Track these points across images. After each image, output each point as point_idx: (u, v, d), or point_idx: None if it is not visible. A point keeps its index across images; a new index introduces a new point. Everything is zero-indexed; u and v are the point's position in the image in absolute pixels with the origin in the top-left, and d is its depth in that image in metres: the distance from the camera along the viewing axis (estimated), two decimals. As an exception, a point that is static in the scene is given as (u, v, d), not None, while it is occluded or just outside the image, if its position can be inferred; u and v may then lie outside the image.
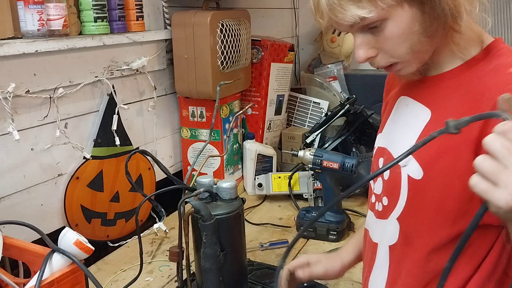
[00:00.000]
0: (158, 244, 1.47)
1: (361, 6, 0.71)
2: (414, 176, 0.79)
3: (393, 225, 0.85)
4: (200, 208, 0.98)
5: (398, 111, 0.89)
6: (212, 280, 0.99)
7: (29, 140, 1.25)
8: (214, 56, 1.59)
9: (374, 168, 0.95)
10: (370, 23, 0.73)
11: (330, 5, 0.73)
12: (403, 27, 0.73)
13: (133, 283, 1.21)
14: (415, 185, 0.80)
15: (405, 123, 0.86)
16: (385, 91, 1.02)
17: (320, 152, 1.51)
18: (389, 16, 0.72)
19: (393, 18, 0.72)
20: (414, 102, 0.85)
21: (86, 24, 1.35)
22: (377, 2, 0.71)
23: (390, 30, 0.73)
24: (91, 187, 1.42)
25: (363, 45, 0.77)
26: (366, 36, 0.76)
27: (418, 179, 0.79)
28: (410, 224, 0.82)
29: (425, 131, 0.80)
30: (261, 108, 1.94)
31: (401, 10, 0.72)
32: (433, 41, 0.76)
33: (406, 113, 0.86)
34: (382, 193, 0.88)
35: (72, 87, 1.33)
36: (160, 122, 1.70)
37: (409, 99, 0.87)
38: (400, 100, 0.90)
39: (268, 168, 1.89)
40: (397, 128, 0.88)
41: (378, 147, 0.93)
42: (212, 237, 0.98)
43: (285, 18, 2.49)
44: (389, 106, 0.94)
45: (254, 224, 1.58)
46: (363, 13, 0.71)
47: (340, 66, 2.22)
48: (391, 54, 0.77)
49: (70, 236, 0.92)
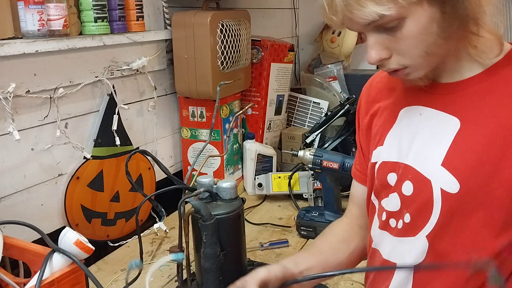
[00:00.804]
0: (158, 244, 1.47)
1: (379, 2, 0.67)
2: (449, 190, 0.74)
3: (420, 243, 0.79)
4: (200, 208, 0.98)
5: (408, 124, 0.83)
6: (212, 280, 0.99)
7: (30, 140, 1.25)
8: (214, 56, 1.59)
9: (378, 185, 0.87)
10: (388, 21, 0.69)
11: (346, 1, 0.69)
12: (421, 27, 0.69)
13: (133, 283, 1.22)
14: (451, 199, 0.74)
15: (427, 135, 0.79)
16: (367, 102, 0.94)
17: (320, 152, 1.52)
18: (407, 14, 0.68)
19: (412, 17, 0.68)
20: (431, 110, 0.80)
21: (86, 24, 1.36)
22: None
23: (408, 30, 0.69)
24: (91, 187, 1.42)
25: (377, 45, 0.73)
26: (380, 36, 0.72)
27: (454, 192, 0.74)
28: (443, 241, 0.77)
29: (456, 141, 0.75)
30: (261, 108, 1.94)
31: (420, 9, 0.68)
32: (449, 43, 0.72)
33: (422, 123, 0.80)
34: (403, 209, 0.81)
35: (72, 87, 1.33)
36: (160, 122, 1.70)
37: (421, 108, 0.81)
38: (406, 112, 0.84)
39: (268, 168, 1.89)
40: (416, 140, 0.81)
41: (384, 162, 0.85)
42: (212, 237, 0.98)
43: (285, 18, 2.50)
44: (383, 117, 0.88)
45: (254, 224, 1.58)
46: (382, 10, 0.67)
47: (340, 66, 2.22)
48: (405, 56, 0.73)
49: (71, 236, 0.93)
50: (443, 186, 0.75)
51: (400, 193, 0.81)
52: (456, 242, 0.76)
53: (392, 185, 0.83)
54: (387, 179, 0.84)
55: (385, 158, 0.85)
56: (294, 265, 0.87)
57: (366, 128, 0.93)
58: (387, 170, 0.84)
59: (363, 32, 0.73)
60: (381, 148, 0.86)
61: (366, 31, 0.72)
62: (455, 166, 0.74)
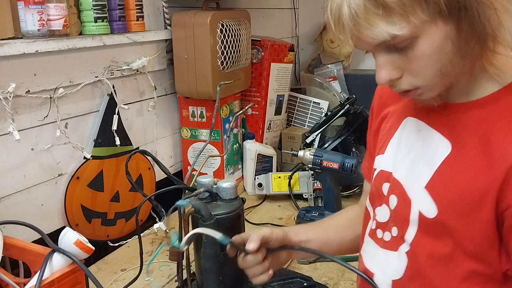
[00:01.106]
0: (158, 244, 1.47)
1: (391, 21, 0.62)
2: (426, 214, 0.73)
3: (401, 259, 0.78)
4: (200, 208, 0.98)
5: (407, 135, 0.81)
6: (212, 280, 0.99)
7: (30, 140, 1.25)
8: (214, 56, 1.59)
9: (374, 192, 0.87)
10: (400, 41, 0.64)
11: (354, 20, 0.63)
12: (436, 46, 0.64)
13: (133, 283, 1.22)
14: (427, 223, 0.73)
15: (419, 153, 0.77)
16: (378, 104, 0.93)
17: (320, 152, 1.52)
18: (421, 33, 0.63)
19: (425, 36, 0.63)
20: (429, 129, 0.77)
21: (86, 24, 1.36)
22: (409, 18, 0.62)
23: (421, 50, 0.64)
24: (92, 187, 1.42)
25: (387, 65, 0.68)
26: (391, 55, 0.67)
27: (431, 218, 0.73)
28: (420, 261, 0.76)
29: (443, 167, 0.72)
30: (261, 108, 1.94)
31: (434, 27, 0.63)
32: (465, 62, 0.67)
33: (418, 140, 0.78)
34: (390, 222, 0.81)
35: (72, 87, 1.33)
36: (160, 122, 1.70)
37: (421, 124, 0.78)
38: (408, 122, 0.81)
39: (268, 168, 1.89)
40: (408, 156, 0.79)
41: (381, 171, 0.84)
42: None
43: (285, 18, 2.50)
44: (389, 124, 0.87)
45: (254, 224, 1.58)
46: (394, 29, 0.62)
47: (340, 66, 2.22)
48: (418, 76, 0.68)
49: (71, 236, 0.93)
50: (421, 209, 0.74)
51: (388, 205, 0.81)
52: (431, 266, 0.74)
53: (384, 195, 0.83)
54: (382, 188, 0.83)
55: (383, 167, 0.85)
56: (294, 234, 0.92)
57: (375, 130, 0.92)
58: (383, 180, 0.83)
59: (372, 51, 0.69)
60: (382, 156, 0.86)
61: (376, 50, 0.68)
62: (437, 192, 0.72)
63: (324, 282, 1.23)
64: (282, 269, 1.27)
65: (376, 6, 0.62)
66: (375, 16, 0.62)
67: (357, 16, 0.63)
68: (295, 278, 1.21)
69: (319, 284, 1.20)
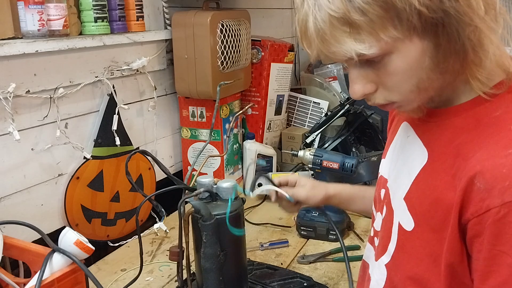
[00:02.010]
0: (158, 244, 1.47)
1: (359, 39, 0.58)
2: (405, 227, 0.71)
3: (381, 270, 0.77)
4: (200, 208, 0.98)
5: (400, 141, 0.79)
6: (212, 280, 0.99)
7: (30, 140, 1.25)
8: (214, 56, 1.59)
9: (376, 196, 0.86)
10: (370, 58, 0.60)
11: (321, 36, 0.60)
12: (410, 62, 0.60)
13: (133, 283, 1.22)
14: (404, 236, 0.72)
15: (404, 162, 0.75)
16: None
17: (320, 152, 1.51)
18: (393, 50, 0.60)
19: (399, 52, 0.60)
20: (415, 136, 0.74)
21: (86, 24, 1.36)
22: (379, 35, 0.58)
23: (395, 66, 0.61)
24: (91, 187, 1.42)
25: (360, 78, 0.64)
26: (363, 70, 0.63)
27: (409, 230, 0.71)
28: (397, 275, 0.74)
29: (419, 177, 0.70)
30: (261, 108, 1.94)
31: (409, 43, 0.59)
32: (445, 77, 0.63)
33: (406, 147, 0.76)
34: (379, 231, 0.80)
35: (72, 87, 1.33)
36: (160, 122, 1.70)
37: (410, 130, 0.76)
38: (404, 127, 0.79)
39: (268, 168, 1.89)
40: (397, 164, 0.78)
41: (381, 176, 0.84)
42: (212, 237, 0.98)
43: (285, 18, 2.50)
44: (393, 126, 0.86)
45: (254, 224, 1.58)
46: (362, 48, 0.58)
47: (340, 66, 2.22)
48: (392, 91, 0.64)
49: (71, 236, 0.93)
50: (401, 221, 0.72)
51: (381, 214, 0.80)
52: (406, 281, 0.72)
53: (382, 200, 0.82)
54: (380, 193, 0.83)
55: (382, 173, 0.84)
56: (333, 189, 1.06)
57: (388, 130, 0.91)
58: (381, 185, 0.83)
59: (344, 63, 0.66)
60: (383, 161, 0.85)
61: (348, 64, 0.65)
62: (412, 204, 0.70)
63: (324, 282, 1.23)
64: (282, 269, 1.27)
65: (343, 23, 0.58)
66: (342, 33, 0.58)
67: (323, 33, 0.59)
68: (295, 278, 1.21)
69: (319, 284, 1.20)
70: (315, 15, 0.59)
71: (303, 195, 1.03)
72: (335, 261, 1.34)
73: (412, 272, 0.71)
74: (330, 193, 1.05)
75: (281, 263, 1.34)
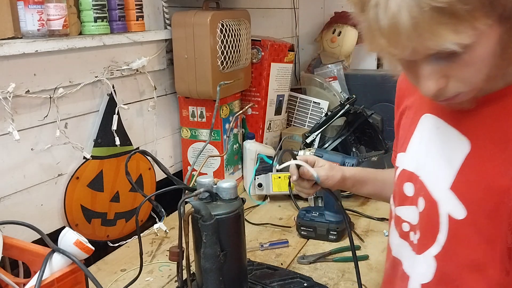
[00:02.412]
0: (158, 244, 1.47)
1: (457, 30, 0.55)
2: (455, 216, 0.71)
3: (427, 263, 0.77)
4: (200, 208, 0.98)
5: (428, 133, 0.79)
6: (212, 280, 0.99)
7: (29, 140, 1.25)
8: (214, 56, 1.59)
9: (396, 190, 0.86)
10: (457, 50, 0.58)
11: (419, 30, 0.55)
12: (490, 50, 0.60)
13: (133, 283, 1.21)
14: (456, 225, 0.72)
15: (440, 153, 0.75)
16: (397, 97, 0.92)
17: (320, 152, 1.51)
18: (480, 39, 0.58)
19: (483, 40, 0.58)
20: (447, 126, 0.74)
21: (86, 24, 1.35)
22: (475, 24, 0.56)
23: (476, 55, 0.59)
24: (91, 187, 1.42)
25: (434, 74, 0.62)
26: (438, 64, 0.61)
27: (460, 219, 0.71)
28: (450, 265, 0.74)
29: (465, 166, 0.71)
30: (261, 108, 1.94)
31: (490, 31, 0.58)
32: (504, 64, 0.63)
33: (438, 139, 0.76)
34: (417, 224, 0.80)
35: (72, 87, 1.33)
36: (160, 122, 1.70)
37: (439, 121, 0.76)
38: (427, 119, 0.79)
39: (268, 168, 1.89)
40: (429, 156, 0.77)
41: (404, 170, 0.83)
42: (212, 237, 0.98)
43: (285, 18, 2.49)
44: (409, 119, 0.85)
45: (254, 224, 1.58)
46: (461, 39, 0.56)
47: (340, 66, 2.22)
48: (465, 82, 0.63)
49: (70, 236, 0.93)
50: (450, 211, 0.72)
51: (417, 207, 0.80)
52: (462, 270, 0.73)
53: (407, 195, 0.82)
54: (403, 188, 0.82)
55: (405, 166, 0.83)
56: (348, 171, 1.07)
57: (396, 124, 0.93)
58: (405, 179, 0.82)
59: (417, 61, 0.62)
60: (404, 155, 0.85)
61: (423, 60, 0.62)
62: (462, 192, 0.71)
63: (324, 283, 1.23)
64: (282, 270, 1.27)
65: (444, 14, 0.55)
66: (440, 25, 0.55)
67: (420, 26, 0.55)
68: (295, 279, 1.21)
69: (319, 284, 1.20)
70: (411, 8, 0.55)
71: (324, 175, 1.04)
72: (335, 261, 1.34)
73: (468, 260, 0.72)
74: (346, 175, 1.06)
75: (281, 263, 1.34)
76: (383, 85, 2.06)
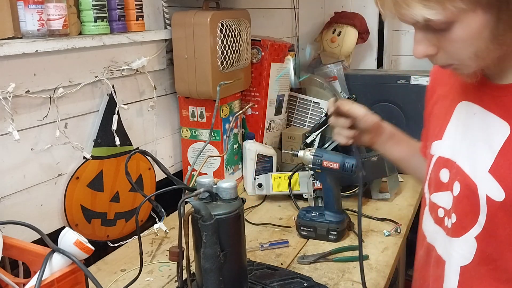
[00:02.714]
0: (158, 244, 1.47)
1: (428, 5, 0.65)
2: (494, 198, 0.74)
3: (468, 244, 0.79)
4: (200, 208, 0.98)
5: (464, 120, 0.82)
6: (212, 280, 0.99)
7: (29, 140, 1.25)
8: (214, 56, 1.59)
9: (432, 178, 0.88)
10: (435, 24, 0.67)
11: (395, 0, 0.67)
12: (472, 32, 0.67)
13: (133, 283, 1.21)
14: (496, 206, 0.75)
15: (477, 137, 0.79)
16: (430, 86, 0.96)
17: (320, 152, 1.51)
18: (457, 19, 0.66)
19: (462, 21, 0.66)
20: (485, 112, 0.78)
21: (86, 24, 1.35)
22: (445, 4, 0.65)
23: (456, 34, 0.68)
24: (91, 187, 1.42)
25: (424, 41, 0.72)
26: (427, 33, 0.71)
27: (499, 201, 0.74)
28: (491, 245, 0.77)
29: (504, 149, 0.74)
30: (261, 108, 1.93)
31: (472, 15, 0.66)
32: (502, 48, 0.70)
33: (476, 124, 0.79)
34: (452, 208, 0.82)
35: (72, 87, 1.33)
36: (160, 122, 1.70)
37: (476, 107, 0.80)
38: (463, 106, 0.83)
39: (268, 168, 1.89)
40: (466, 141, 0.81)
41: (440, 157, 0.86)
42: (212, 237, 0.98)
43: (285, 18, 2.49)
44: (444, 108, 0.88)
45: (254, 224, 1.58)
46: (429, 14, 0.66)
47: (340, 66, 2.22)
48: (452, 56, 0.72)
49: (70, 236, 0.92)
50: (488, 192, 0.75)
51: (451, 192, 0.82)
52: (503, 248, 0.75)
53: (443, 181, 0.84)
54: (439, 174, 0.85)
55: (441, 154, 0.86)
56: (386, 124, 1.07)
57: (428, 114, 0.95)
58: (441, 166, 0.85)
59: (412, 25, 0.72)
60: (439, 142, 0.87)
61: (414, 26, 0.72)
62: (502, 175, 0.73)
63: (324, 283, 1.23)
64: (282, 270, 1.27)
65: None
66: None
67: None
68: (295, 279, 1.21)
69: (319, 284, 1.20)
70: None
71: (362, 111, 1.03)
72: (335, 261, 1.34)
73: (509, 239, 0.74)
74: (384, 124, 1.06)
75: (281, 264, 1.34)
76: (383, 85, 2.06)
